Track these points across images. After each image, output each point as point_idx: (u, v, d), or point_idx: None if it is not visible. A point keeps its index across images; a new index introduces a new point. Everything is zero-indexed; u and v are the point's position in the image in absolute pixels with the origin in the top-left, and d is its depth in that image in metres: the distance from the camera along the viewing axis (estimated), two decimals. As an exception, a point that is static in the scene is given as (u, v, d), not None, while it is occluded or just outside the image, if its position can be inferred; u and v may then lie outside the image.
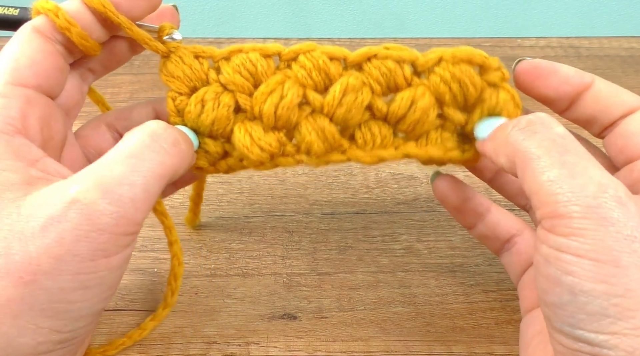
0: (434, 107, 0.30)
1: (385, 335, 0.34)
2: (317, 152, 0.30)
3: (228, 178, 0.44)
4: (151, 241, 0.39)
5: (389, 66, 0.29)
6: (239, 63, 0.29)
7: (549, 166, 0.23)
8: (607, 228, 0.22)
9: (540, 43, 0.61)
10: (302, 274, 0.37)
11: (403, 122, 0.30)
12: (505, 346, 0.33)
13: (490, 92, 0.29)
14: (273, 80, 0.29)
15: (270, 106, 0.29)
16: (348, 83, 0.29)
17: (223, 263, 0.38)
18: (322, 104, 0.29)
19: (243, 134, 0.29)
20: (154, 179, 0.24)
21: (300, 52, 0.29)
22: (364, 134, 0.30)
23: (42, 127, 0.26)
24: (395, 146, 0.30)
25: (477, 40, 0.61)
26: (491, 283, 0.37)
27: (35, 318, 0.22)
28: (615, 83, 0.29)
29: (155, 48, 0.29)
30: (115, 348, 0.32)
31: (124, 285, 0.36)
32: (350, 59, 0.29)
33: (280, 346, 0.33)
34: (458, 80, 0.29)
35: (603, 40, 0.61)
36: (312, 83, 0.29)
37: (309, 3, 0.62)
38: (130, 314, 0.35)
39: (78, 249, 0.22)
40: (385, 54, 0.29)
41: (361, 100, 0.29)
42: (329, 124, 0.29)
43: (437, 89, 0.29)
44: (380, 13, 0.63)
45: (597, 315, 0.22)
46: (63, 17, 0.26)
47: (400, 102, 0.29)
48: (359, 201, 0.43)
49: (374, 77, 0.29)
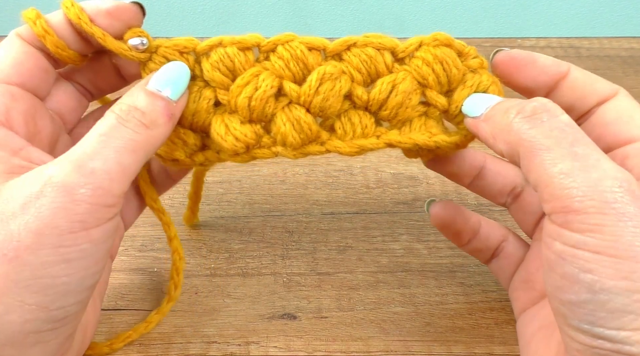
0: (416, 91, 0.29)
1: (385, 335, 0.34)
2: (292, 143, 0.29)
3: (228, 177, 0.44)
4: (151, 240, 0.39)
5: (369, 53, 0.29)
6: (217, 59, 0.29)
7: (560, 157, 0.22)
8: (625, 223, 0.21)
9: (540, 43, 0.61)
10: (302, 274, 0.37)
11: (385, 108, 0.29)
12: (505, 346, 0.33)
13: (472, 76, 0.29)
14: (249, 72, 0.29)
15: (244, 98, 0.29)
16: (325, 71, 0.29)
17: (223, 263, 0.38)
18: (299, 94, 0.29)
19: (219, 124, 0.29)
20: (126, 153, 0.25)
21: (279, 42, 0.29)
22: (344, 124, 0.30)
23: (27, 121, 0.27)
24: (377, 135, 0.30)
25: (477, 40, 0.61)
26: (491, 283, 0.37)
27: (21, 294, 0.23)
28: (616, 83, 0.28)
29: (132, 57, 0.28)
30: (121, 341, 0.32)
31: (124, 285, 0.36)
32: (329, 48, 0.29)
33: (280, 346, 0.33)
34: (441, 61, 0.29)
35: (603, 41, 0.61)
36: (289, 74, 0.29)
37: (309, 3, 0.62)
38: (130, 314, 0.35)
39: (56, 222, 0.23)
40: (364, 41, 0.29)
41: (339, 88, 0.29)
42: (304, 114, 0.29)
43: (420, 72, 0.29)
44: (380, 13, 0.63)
45: (618, 312, 0.21)
46: (40, 25, 0.27)
47: (380, 87, 0.29)
48: (359, 201, 0.43)
49: (354, 66, 0.29)
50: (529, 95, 0.29)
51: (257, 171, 0.45)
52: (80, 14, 0.27)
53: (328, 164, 0.45)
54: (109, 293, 0.36)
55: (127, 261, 0.38)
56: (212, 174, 0.44)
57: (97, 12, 0.27)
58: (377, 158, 0.46)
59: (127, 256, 0.38)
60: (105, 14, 0.27)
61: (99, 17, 0.27)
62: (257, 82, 0.29)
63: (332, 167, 0.45)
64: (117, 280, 0.37)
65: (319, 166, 0.45)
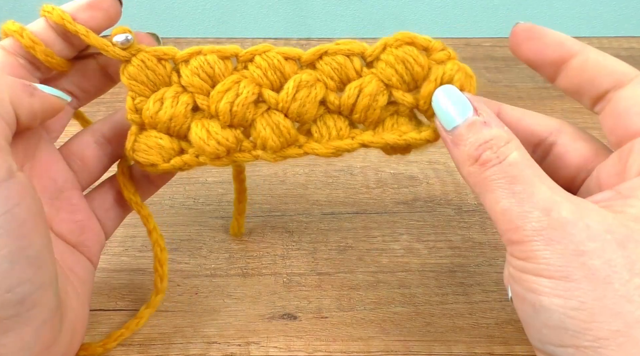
0: (382, 92, 0.30)
1: (385, 335, 0.34)
2: (272, 147, 0.31)
3: (228, 177, 0.44)
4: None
5: (339, 60, 0.30)
6: (197, 65, 0.30)
7: (500, 197, 0.25)
8: (554, 246, 0.23)
9: (540, 43, 0.61)
10: (302, 274, 0.37)
11: (355, 111, 0.31)
12: (505, 346, 0.33)
13: (435, 68, 0.30)
14: (229, 79, 0.30)
15: (225, 103, 0.30)
16: (301, 79, 0.30)
17: (223, 263, 0.38)
18: (277, 101, 0.30)
19: (200, 128, 0.30)
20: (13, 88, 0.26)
21: (257, 53, 0.30)
22: (320, 128, 0.31)
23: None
24: (352, 137, 0.31)
25: (477, 40, 0.61)
26: (491, 283, 0.37)
27: None
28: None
29: (114, 54, 0.29)
30: (114, 340, 0.32)
31: (124, 285, 0.36)
32: (304, 58, 0.30)
33: (280, 346, 0.33)
34: (402, 60, 0.30)
35: (603, 40, 0.61)
36: (267, 82, 0.30)
37: (309, 3, 0.62)
38: (130, 314, 0.35)
39: None
40: (335, 49, 0.30)
41: (314, 95, 0.30)
42: (283, 119, 0.30)
43: (384, 73, 0.30)
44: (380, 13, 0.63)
45: (558, 328, 0.23)
46: (27, 37, 0.28)
47: (349, 92, 0.30)
48: (359, 201, 0.43)
49: (327, 73, 0.30)
50: (539, 71, 0.29)
51: (257, 171, 0.45)
52: (62, 14, 0.28)
53: (328, 164, 0.45)
54: (109, 293, 0.36)
55: (127, 261, 0.38)
56: (212, 175, 0.44)
57: (77, 9, 0.28)
58: (377, 158, 0.46)
59: (127, 256, 0.38)
60: (86, 7, 0.28)
61: (79, 12, 0.28)
62: (238, 89, 0.30)
63: (332, 167, 0.45)
64: (117, 280, 0.37)
65: (319, 166, 0.45)
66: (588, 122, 0.49)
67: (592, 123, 0.50)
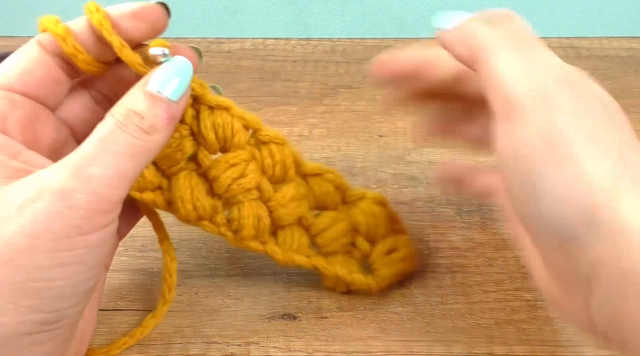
0: (349, 232, 0.34)
1: (385, 335, 0.34)
2: (244, 235, 0.31)
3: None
4: (151, 240, 0.39)
5: (328, 189, 0.34)
6: (220, 123, 0.29)
7: (510, 58, 0.24)
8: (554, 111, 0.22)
9: (540, 43, 0.61)
10: (302, 274, 0.37)
11: (321, 237, 0.34)
12: (505, 346, 0.33)
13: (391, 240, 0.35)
14: (241, 156, 0.30)
15: (227, 177, 0.30)
16: (298, 191, 0.32)
17: (223, 263, 0.38)
18: (271, 198, 0.31)
19: (186, 186, 0.30)
20: (125, 159, 0.25)
21: (275, 140, 0.31)
22: (286, 235, 0.33)
23: (24, 127, 0.27)
24: (307, 255, 0.33)
25: (477, 40, 0.61)
26: (491, 283, 0.37)
27: (15, 297, 0.23)
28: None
29: (143, 72, 0.27)
30: (118, 347, 0.32)
31: (124, 285, 0.36)
32: (305, 169, 0.33)
33: (280, 346, 0.33)
34: (373, 216, 0.35)
35: (603, 41, 0.61)
36: (271, 174, 0.31)
37: (309, 3, 0.62)
38: (130, 314, 0.35)
39: (53, 226, 0.23)
40: (328, 177, 0.34)
41: (300, 210, 0.33)
42: (266, 216, 0.32)
43: (356, 219, 0.34)
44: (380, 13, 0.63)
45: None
46: (71, 45, 0.27)
47: (325, 218, 0.34)
48: (359, 201, 0.43)
49: (314, 193, 0.34)
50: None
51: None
52: (103, 20, 0.26)
53: (328, 164, 0.45)
54: (109, 293, 0.36)
55: (127, 261, 0.38)
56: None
57: (121, 16, 0.27)
58: (377, 158, 0.46)
59: (127, 256, 0.38)
60: (130, 16, 0.27)
61: (123, 20, 0.27)
62: (245, 169, 0.30)
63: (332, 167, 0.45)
64: (117, 280, 0.37)
65: (319, 166, 0.45)
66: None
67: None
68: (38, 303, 0.23)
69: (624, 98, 0.53)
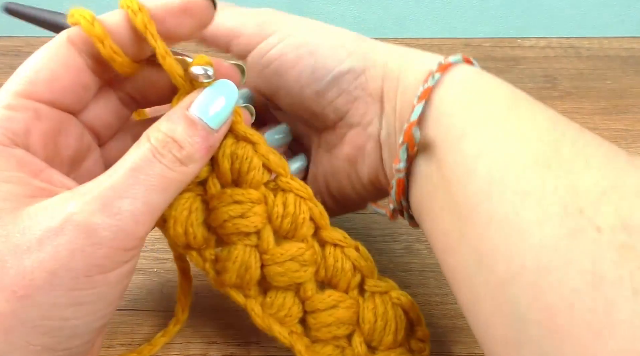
0: (348, 325, 0.29)
1: (385, 335, 0.34)
2: (225, 280, 0.28)
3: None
4: (151, 241, 0.39)
5: (345, 266, 0.29)
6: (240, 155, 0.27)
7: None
8: None
9: (541, 43, 0.61)
10: (302, 274, 0.37)
11: (314, 317, 0.29)
12: (505, 346, 0.33)
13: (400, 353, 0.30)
14: (250, 195, 0.27)
15: (224, 212, 0.27)
16: (303, 255, 0.28)
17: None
18: (267, 252, 0.28)
19: (184, 207, 0.27)
20: (156, 193, 0.23)
21: (295, 192, 0.28)
22: (276, 299, 0.29)
23: (47, 143, 0.25)
24: (290, 331, 0.29)
25: (477, 40, 0.61)
26: (491, 283, 0.37)
27: (28, 334, 0.22)
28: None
29: (182, 86, 0.25)
30: None
31: (124, 285, 0.36)
32: (323, 234, 0.29)
33: (280, 346, 0.33)
34: (385, 320, 0.29)
35: (603, 41, 0.61)
36: (278, 224, 0.28)
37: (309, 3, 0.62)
38: (130, 314, 0.35)
39: (73, 264, 0.21)
40: (350, 253, 0.29)
41: (299, 275, 0.28)
42: (256, 268, 0.28)
43: (363, 315, 0.29)
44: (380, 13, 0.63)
45: None
46: (109, 47, 0.24)
47: (326, 298, 0.29)
48: (359, 201, 0.43)
49: (326, 264, 0.29)
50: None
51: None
52: (148, 23, 0.24)
53: (328, 164, 0.45)
54: (109, 293, 0.36)
55: (127, 261, 0.38)
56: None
57: (167, 12, 0.24)
58: (377, 158, 0.46)
59: (127, 256, 0.38)
60: (177, 11, 0.24)
61: (169, 16, 0.24)
62: (248, 210, 0.27)
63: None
64: (117, 280, 0.37)
65: (319, 166, 0.45)
66: (589, 123, 0.49)
67: (593, 124, 0.50)
68: (50, 341, 0.22)
69: (624, 98, 0.53)
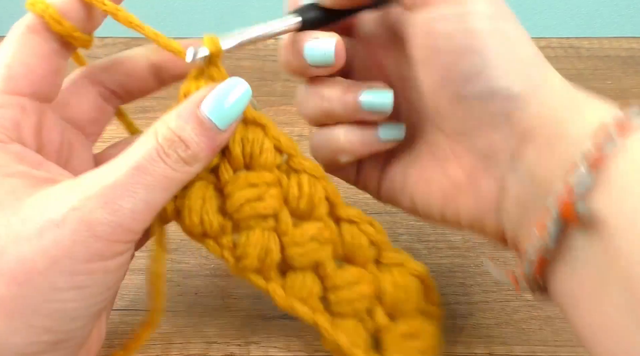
0: (369, 298, 0.30)
1: (385, 335, 0.34)
2: (246, 266, 0.28)
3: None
4: (151, 240, 0.39)
5: (362, 242, 0.29)
6: (250, 139, 0.27)
7: None
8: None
9: (541, 43, 0.61)
10: (302, 274, 0.37)
11: (335, 293, 0.29)
12: (505, 346, 0.33)
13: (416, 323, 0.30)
14: (264, 178, 0.27)
15: (241, 196, 0.27)
16: (322, 233, 0.28)
17: (223, 263, 0.38)
18: (287, 233, 0.28)
19: (198, 196, 0.27)
20: (157, 192, 0.24)
21: (307, 172, 0.28)
22: (296, 279, 0.29)
23: (36, 137, 0.26)
24: (312, 308, 0.29)
25: (477, 40, 0.61)
26: (491, 283, 0.37)
27: (29, 317, 0.22)
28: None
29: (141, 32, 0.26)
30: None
31: (124, 285, 0.36)
32: (338, 212, 0.29)
33: (280, 346, 0.33)
34: (405, 290, 0.30)
35: (603, 41, 0.61)
36: (294, 207, 0.28)
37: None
38: (130, 314, 0.35)
39: (74, 253, 0.22)
40: (365, 229, 0.29)
41: (319, 254, 0.28)
42: (277, 251, 0.28)
43: (384, 286, 0.30)
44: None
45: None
46: (66, 25, 0.25)
47: (345, 274, 0.29)
48: (359, 201, 0.42)
49: (344, 240, 0.29)
50: None
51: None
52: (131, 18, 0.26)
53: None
54: (109, 293, 0.36)
55: (127, 261, 0.38)
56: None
57: None
58: (377, 158, 0.46)
59: (127, 256, 0.38)
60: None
61: None
62: (264, 193, 0.27)
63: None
64: (117, 280, 0.37)
65: (319, 166, 0.45)
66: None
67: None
68: (51, 323, 0.23)
69: (624, 98, 0.53)
